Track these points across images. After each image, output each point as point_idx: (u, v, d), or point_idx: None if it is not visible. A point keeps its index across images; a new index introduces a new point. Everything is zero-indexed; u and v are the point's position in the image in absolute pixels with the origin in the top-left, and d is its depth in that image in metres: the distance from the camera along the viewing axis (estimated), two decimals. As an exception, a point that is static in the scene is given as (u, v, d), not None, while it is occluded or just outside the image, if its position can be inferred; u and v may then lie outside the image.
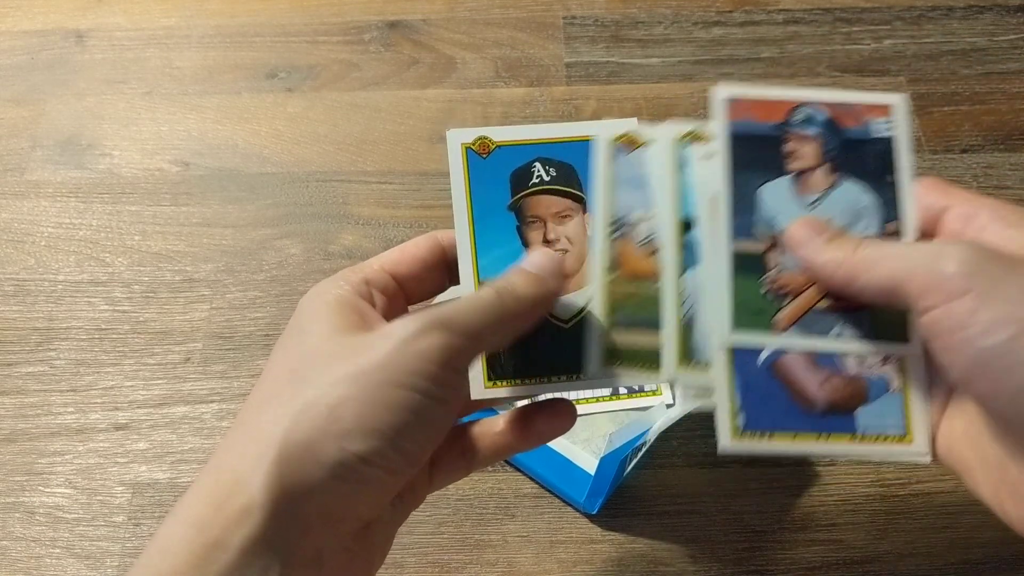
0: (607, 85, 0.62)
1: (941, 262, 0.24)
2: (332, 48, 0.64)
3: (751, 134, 0.30)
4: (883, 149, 0.30)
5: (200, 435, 0.48)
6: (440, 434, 0.27)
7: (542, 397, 0.31)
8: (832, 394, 0.28)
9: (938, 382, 0.29)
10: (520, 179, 0.31)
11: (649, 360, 0.29)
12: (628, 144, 0.32)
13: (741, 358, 0.29)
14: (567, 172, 0.31)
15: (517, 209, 0.31)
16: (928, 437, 0.28)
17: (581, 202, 0.31)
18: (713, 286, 0.29)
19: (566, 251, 0.31)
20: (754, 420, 0.28)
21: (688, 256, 0.30)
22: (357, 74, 0.63)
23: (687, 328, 0.29)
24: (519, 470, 0.46)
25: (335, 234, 0.55)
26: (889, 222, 0.29)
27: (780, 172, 0.30)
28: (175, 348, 0.51)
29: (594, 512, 0.44)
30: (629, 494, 0.45)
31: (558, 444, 0.46)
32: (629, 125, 0.32)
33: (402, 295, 0.31)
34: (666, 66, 0.63)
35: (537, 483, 0.46)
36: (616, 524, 0.45)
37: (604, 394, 0.47)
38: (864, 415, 0.28)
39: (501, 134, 0.32)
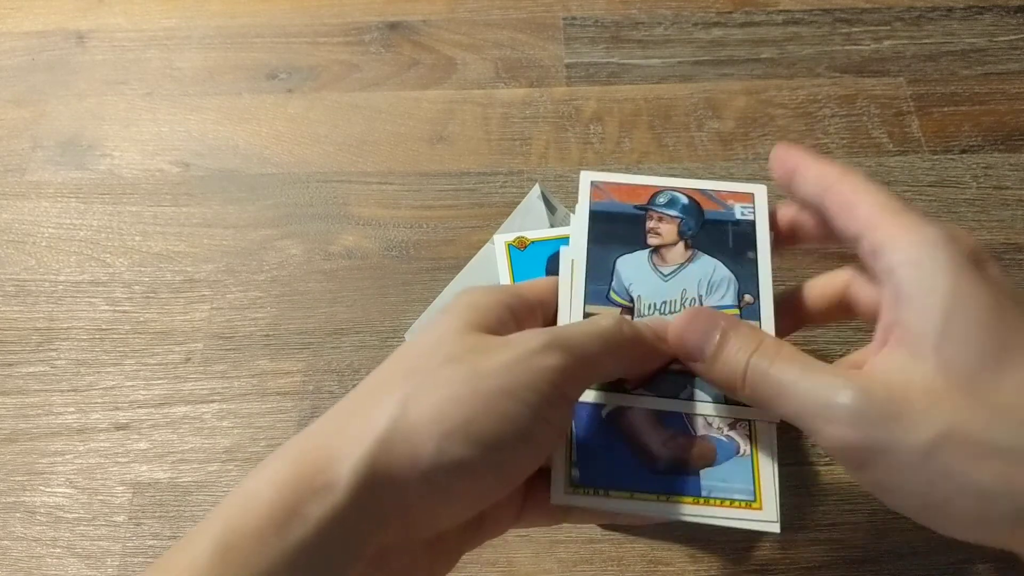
0: (607, 86, 0.62)
1: (837, 399, 0.25)
2: (332, 49, 0.64)
3: (613, 212, 0.33)
4: (744, 230, 0.33)
5: (201, 435, 0.48)
6: (536, 460, 0.26)
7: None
8: (676, 452, 0.28)
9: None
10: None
11: None
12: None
13: (581, 411, 0.29)
14: None
15: None
16: (777, 505, 0.28)
17: None
18: None
19: None
20: (589, 475, 0.28)
21: None
22: (357, 75, 0.63)
23: None
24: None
25: (336, 234, 0.55)
26: (746, 294, 0.31)
27: (639, 247, 0.32)
28: (176, 348, 0.51)
29: (594, 512, 0.44)
30: (629, 494, 0.45)
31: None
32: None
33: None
34: (666, 67, 0.63)
35: (537, 483, 0.46)
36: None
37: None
38: (709, 477, 0.28)
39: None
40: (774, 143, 0.58)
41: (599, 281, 0.31)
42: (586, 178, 0.34)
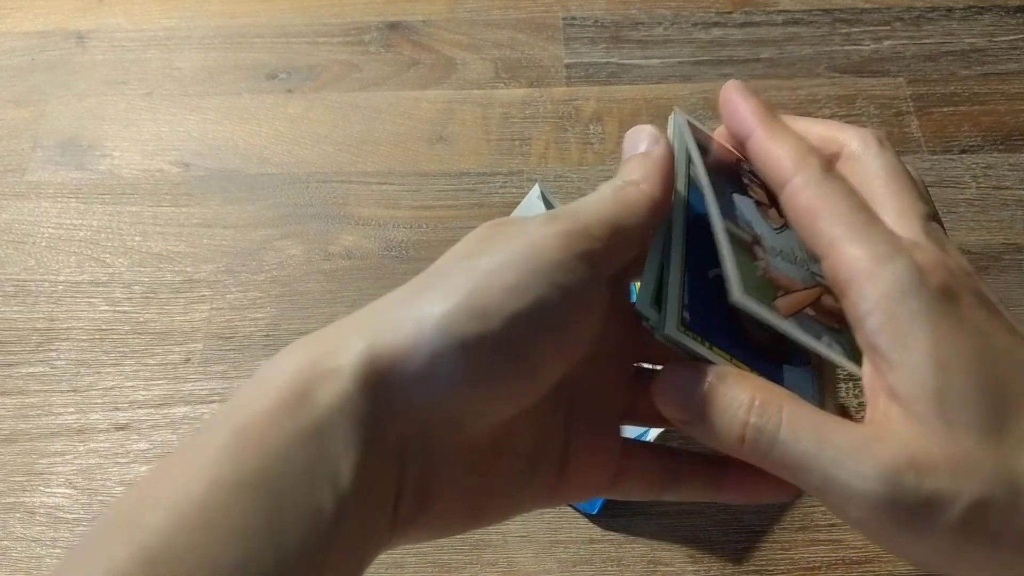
0: (607, 86, 0.62)
1: (867, 484, 0.23)
2: (332, 49, 0.64)
3: (712, 151, 0.30)
4: None
5: (200, 435, 0.48)
6: (565, 346, 0.24)
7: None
8: (766, 339, 0.27)
9: None
10: None
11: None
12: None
13: (696, 268, 0.27)
14: None
15: None
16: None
17: None
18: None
19: None
20: (699, 324, 0.26)
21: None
22: (357, 75, 0.63)
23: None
24: (519, 470, 0.46)
25: (335, 235, 0.55)
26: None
27: (744, 193, 0.29)
28: (175, 348, 0.51)
29: (594, 512, 0.44)
30: (629, 494, 0.45)
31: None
32: None
33: None
34: (666, 67, 0.63)
35: (537, 483, 0.46)
36: (616, 524, 0.45)
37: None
38: (789, 373, 0.27)
39: None
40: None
41: (725, 204, 0.27)
42: (681, 119, 0.30)
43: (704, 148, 0.29)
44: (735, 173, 0.30)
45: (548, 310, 0.23)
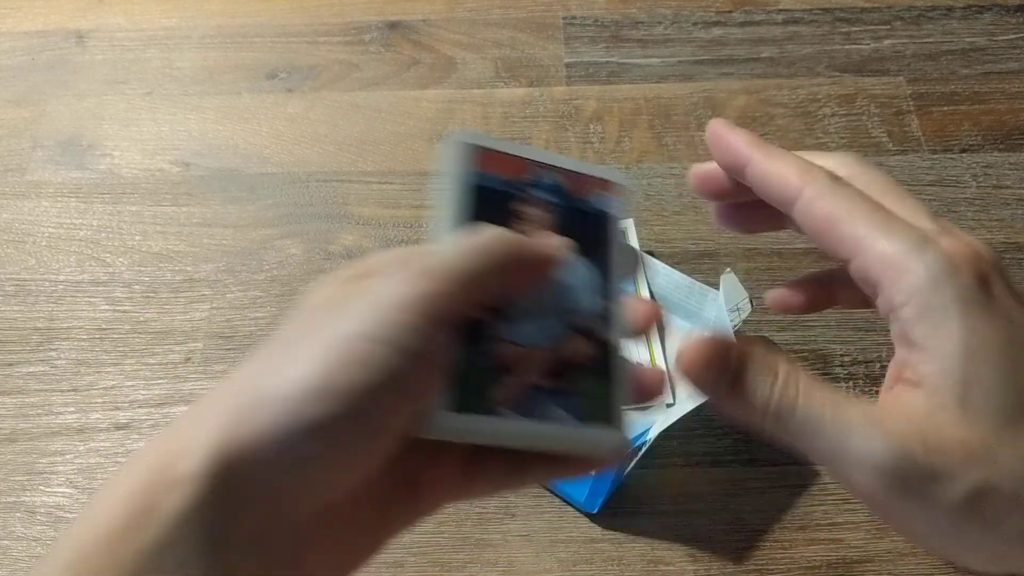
0: (607, 85, 0.62)
1: (873, 453, 0.24)
2: (332, 48, 0.64)
3: (482, 185, 0.28)
4: (603, 221, 0.30)
5: (201, 435, 0.48)
6: (415, 404, 0.23)
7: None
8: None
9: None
10: None
11: None
12: None
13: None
14: None
15: None
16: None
17: None
18: None
19: None
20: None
21: None
22: (357, 74, 0.63)
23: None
24: (519, 469, 0.46)
25: (335, 234, 0.55)
26: (606, 299, 0.29)
27: (508, 222, 0.28)
28: (176, 348, 0.51)
29: (594, 511, 0.44)
30: (629, 493, 0.45)
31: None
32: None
33: None
34: (666, 66, 0.63)
35: (537, 482, 0.46)
36: (616, 523, 0.45)
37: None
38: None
39: None
40: (775, 142, 0.58)
41: None
42: (458, 141, 0.29)
43: (481, 177, 0.29)
44: (500, 201, 0.29)
45: (399, 379, 0.22)
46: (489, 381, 0.26)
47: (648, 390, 0.28)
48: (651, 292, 0.50)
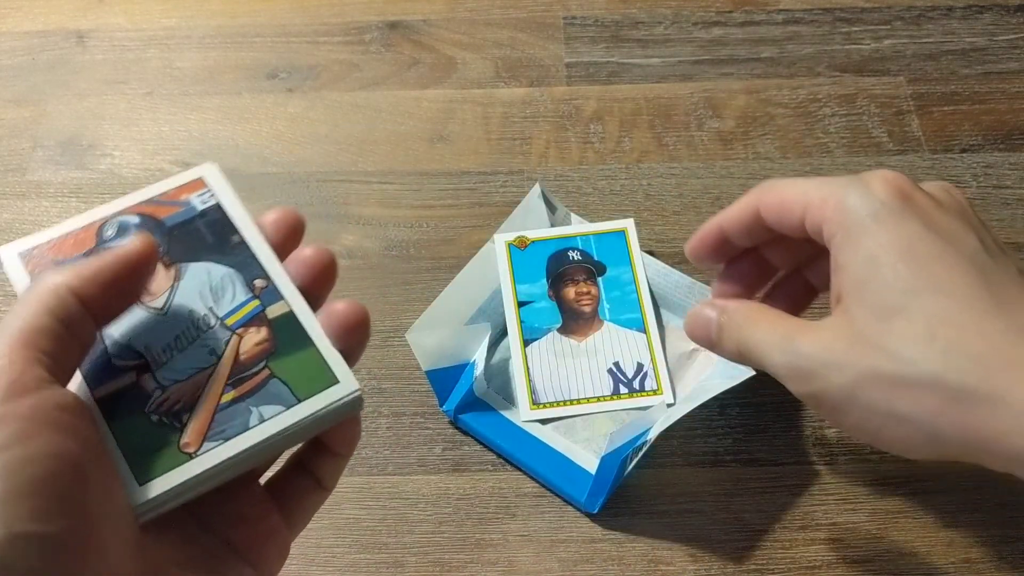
0: (607, 85, 0.62)
1: (775, 357, 0.31)
2: (332, 48, 0.64)
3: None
4: (215, 217, 0.30)
5: (201, 435, 0.48)
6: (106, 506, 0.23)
7: None
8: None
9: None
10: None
11: None
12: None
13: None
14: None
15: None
16: None
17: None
18: None
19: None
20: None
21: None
22: (357, 74, 0.63)
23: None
24: (520, 469, 0.46)
25: (336, 234, 0.55)
26: (256, 279, 0.29)
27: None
28: (176, 348, 0.51)
29: (595, 511, 0.44)
30: (630, 493, 0.45)
31: (559, 443, 0.46)
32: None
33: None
34: (666, 66, 0.63)
35: (538, 482, 0.46)
36: (617, 523, 0.45)
37: (605, 393, 0.47)
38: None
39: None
40: (775, 142, 0.58)
41: (94, 353, 0.26)
42: (10, 253, 0.29)
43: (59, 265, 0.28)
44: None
45: (67, 499, 0.21)
46: (170, 433, 0.26)
47: (350, 326, 0.28)
48: (651, 292, 0.50)
